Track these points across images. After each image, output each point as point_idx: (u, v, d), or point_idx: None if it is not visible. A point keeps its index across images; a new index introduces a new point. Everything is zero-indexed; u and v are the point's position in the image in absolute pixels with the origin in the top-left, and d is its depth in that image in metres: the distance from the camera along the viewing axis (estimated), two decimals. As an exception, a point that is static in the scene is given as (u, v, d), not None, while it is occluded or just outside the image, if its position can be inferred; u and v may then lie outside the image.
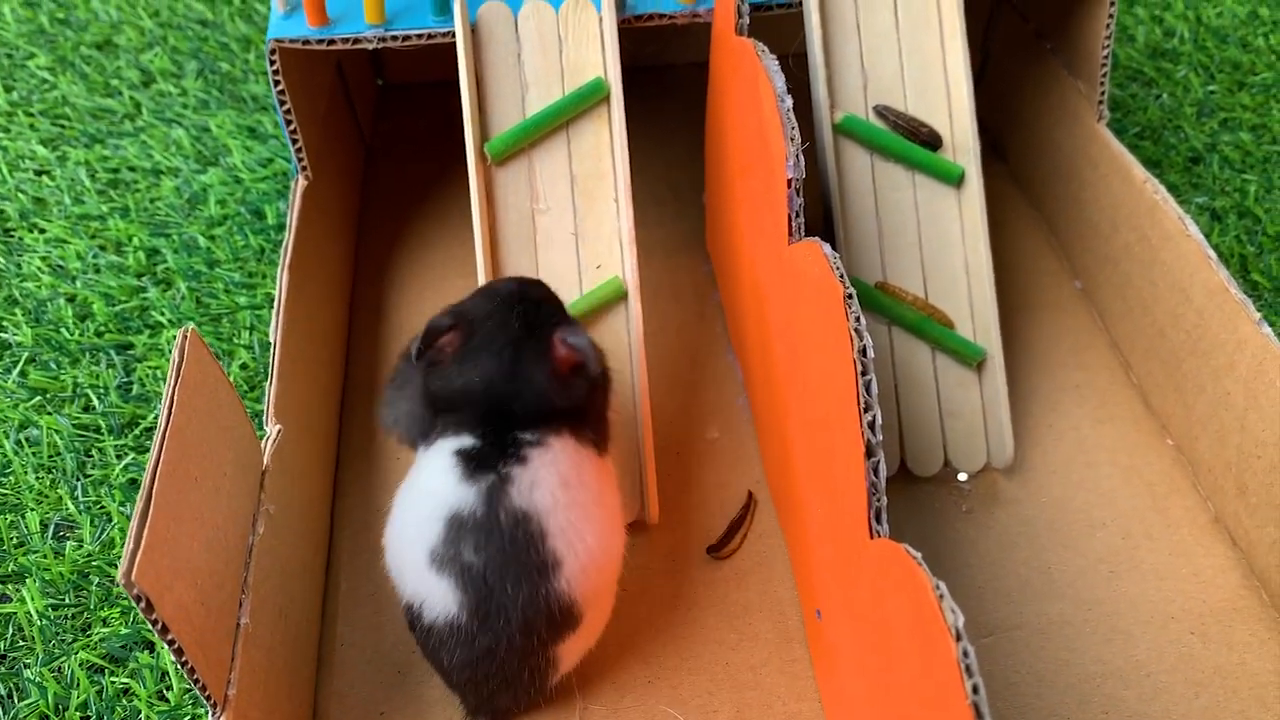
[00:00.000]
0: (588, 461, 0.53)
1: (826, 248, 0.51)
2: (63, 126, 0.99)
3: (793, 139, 0.56)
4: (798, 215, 0.56)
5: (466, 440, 0.51)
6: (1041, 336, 0.78)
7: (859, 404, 0.46)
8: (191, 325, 0.51)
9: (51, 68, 1.04)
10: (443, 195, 0.91)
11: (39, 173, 0.94)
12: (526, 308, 0.53)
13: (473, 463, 0.50)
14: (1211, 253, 0.66)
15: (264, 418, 0.61)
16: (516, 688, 0.53)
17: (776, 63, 0.60)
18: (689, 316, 0.81)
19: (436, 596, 0.50)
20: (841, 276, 0.49)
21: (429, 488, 0.51)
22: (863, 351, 0.46)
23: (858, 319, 0.47)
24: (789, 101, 0.57)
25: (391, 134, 0.98)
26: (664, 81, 1.00)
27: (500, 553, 0.49)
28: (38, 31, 1.09)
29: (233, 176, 0.93)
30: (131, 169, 0.94)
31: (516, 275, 0.61)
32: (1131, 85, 1.00)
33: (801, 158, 0.56)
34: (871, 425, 0.45)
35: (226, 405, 0.53)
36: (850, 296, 0.48)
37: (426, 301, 0.82)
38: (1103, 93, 0.77)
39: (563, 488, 0.50)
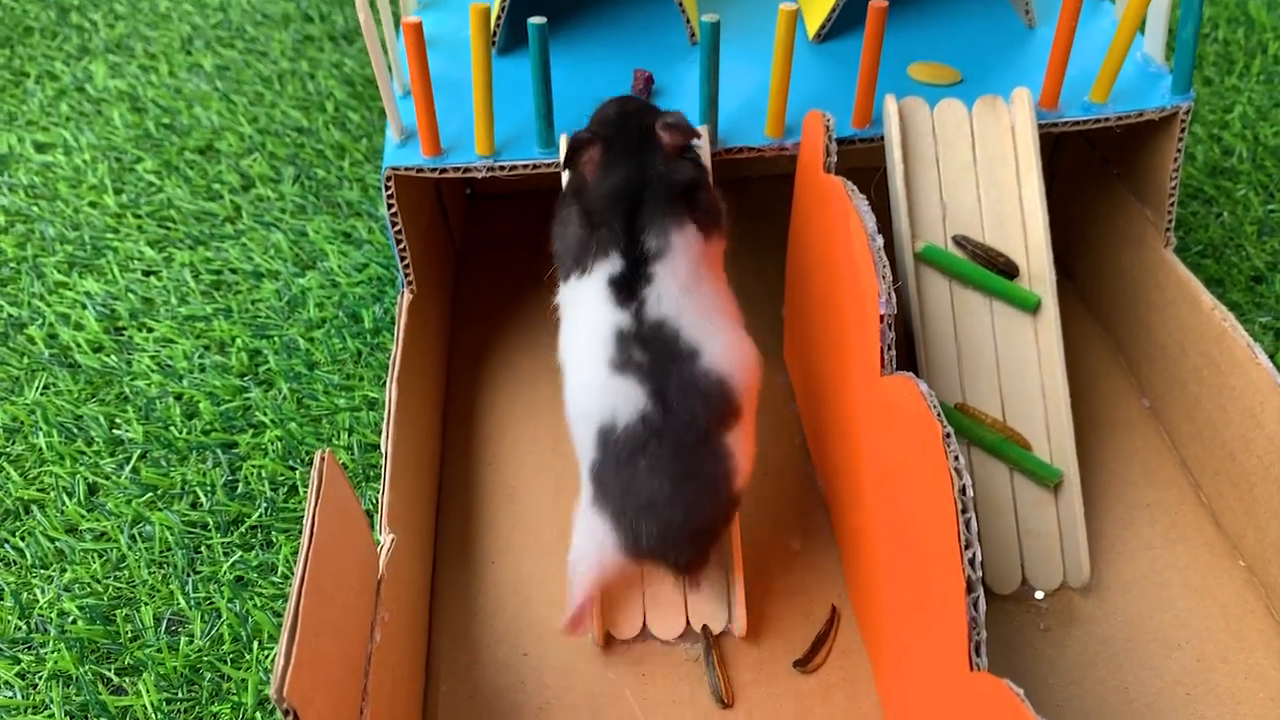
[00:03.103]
0: (703, 259, 0.64)
1: (922, 385, 0.55)
2: (168, 228, 1.04)
3: (884, 277, 0.60)
4: (890, 349, 0.60)
5: (616, 264, 0.63)
6: (1113, 455, 0.80)
7: (960, 541, 0.48)
8: (328, 449, 0.55)
9: (158, 171, 1.11)
10: (529, 299, 0.95)
11: (147, 273, 1.00)
12: (638, 117, 0.67)
13: (621, 291, 0.63)
14: (1282, 382, 0.69)
15: (377, 526, 0.65)
16: (704, 486, 0.61)
17: (866, 202, 0.63)
18: (768, 426, 0.84)
19: (625, 396, 0.61)
20: (939, 415, 0.52)
21: (595, 316, 0.63)
22: (963, 490, 0.49)
23: (956, 458, 0.50)
24: (880, 240, 0.61)
25: (479, 240, 1.03)
26: (741, 194, 1.05)
27: (655, 351, 0.61)
28: (144, 136, 1.16)
29: (330, 280, 0.98)
30: (233, 271, 1.00)
31: (615, 98, 0.71)
32: (1192, 203, 1.03)
33: (893, 295, 0.60)
34: (972, 562, 0.48)
35: (355, 522, 0.57)
36: (949, 435, 0.51)
37: (518, 404, 0.86)
38: (1170, 220, 0.80)
39: (684, 294, 0.62)
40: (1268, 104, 1.14)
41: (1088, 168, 0.91)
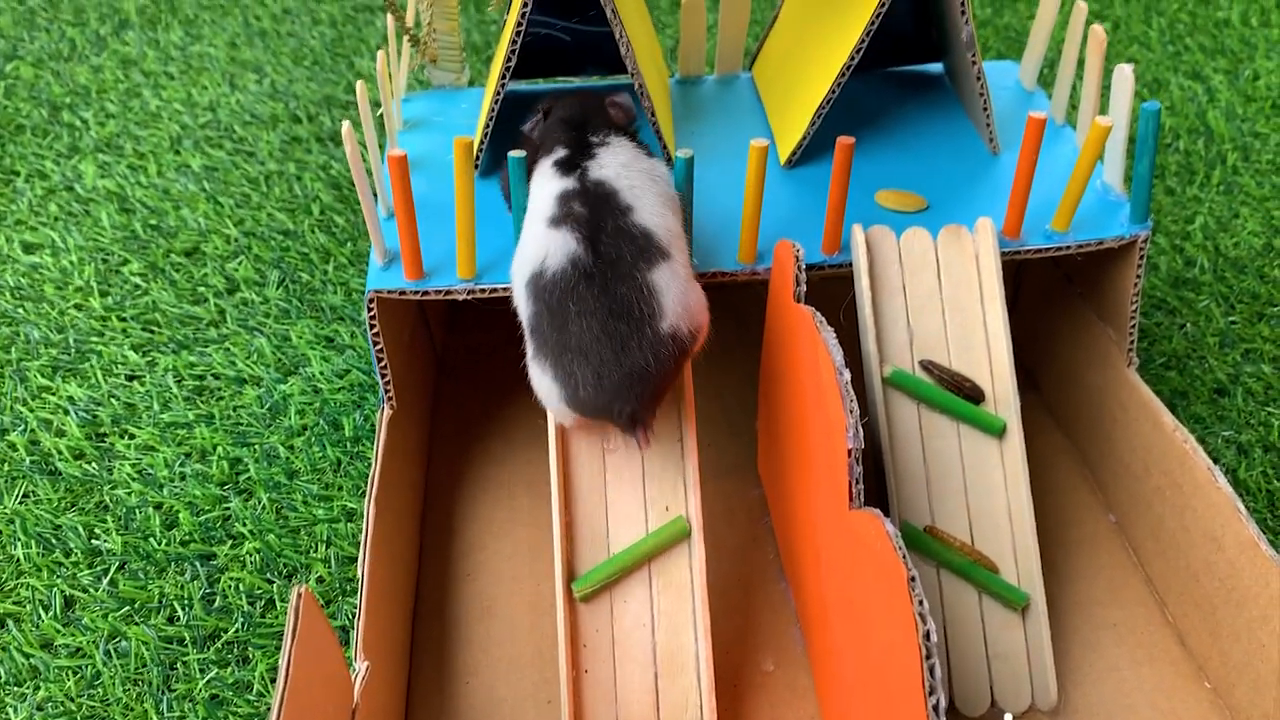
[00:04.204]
0: (643, 157, 0.71)
1: (888, 524, 0.56)
2: (153, 332, 1.06)
3: (852, 411, 0.62)
4: (858, 483, 0.61)
5: (560, 152, 0.71)
6: (1079, 572, 0.82)
7: (924, 687, 0.50)
8: (306, 585, 0.55)
9: (144, 273, 1.12)
10: (509, 410, 0.97)
11: (130, 378, 1.01)
12: (585, 95, 0.78)
13: (565, 166, 0.70)
14: (1242, 507, 0.70)
15: (352, 653, 0.65)
16: (635, 332, 0.64)
17: (834, 335, 0.65)
18: (742, 541, 0.85)
19: (559, 243, 0.65)
20: (904, 557, 0.53)
21: (542, 192, 0.69)
22: (927, 636, 0.50)
23: (921, 602, 0.52)
24: (847, 375, 0.63)
25: (460, 348, 1.04)
26: (715, 302, 1.07)
27: (593, 203, 0.67)
28: (132, 237, 1.17)
29: (311, 386, 0.99)
30: (216, 376, 1.01)
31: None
32: (1156, 314, 1.06)
33: (860, 429, 0.61)
34: (936, 708, 0.49)
35: (330, 656, 0.57)
36: (914, 579, 0.52)
37: (497, 517, 0.87)
38: (1132, 340, 0.83)
39: (623, 168, 0.69)
40: (1227, 215, 1.18)
41: (1052, 287, 0.94)
